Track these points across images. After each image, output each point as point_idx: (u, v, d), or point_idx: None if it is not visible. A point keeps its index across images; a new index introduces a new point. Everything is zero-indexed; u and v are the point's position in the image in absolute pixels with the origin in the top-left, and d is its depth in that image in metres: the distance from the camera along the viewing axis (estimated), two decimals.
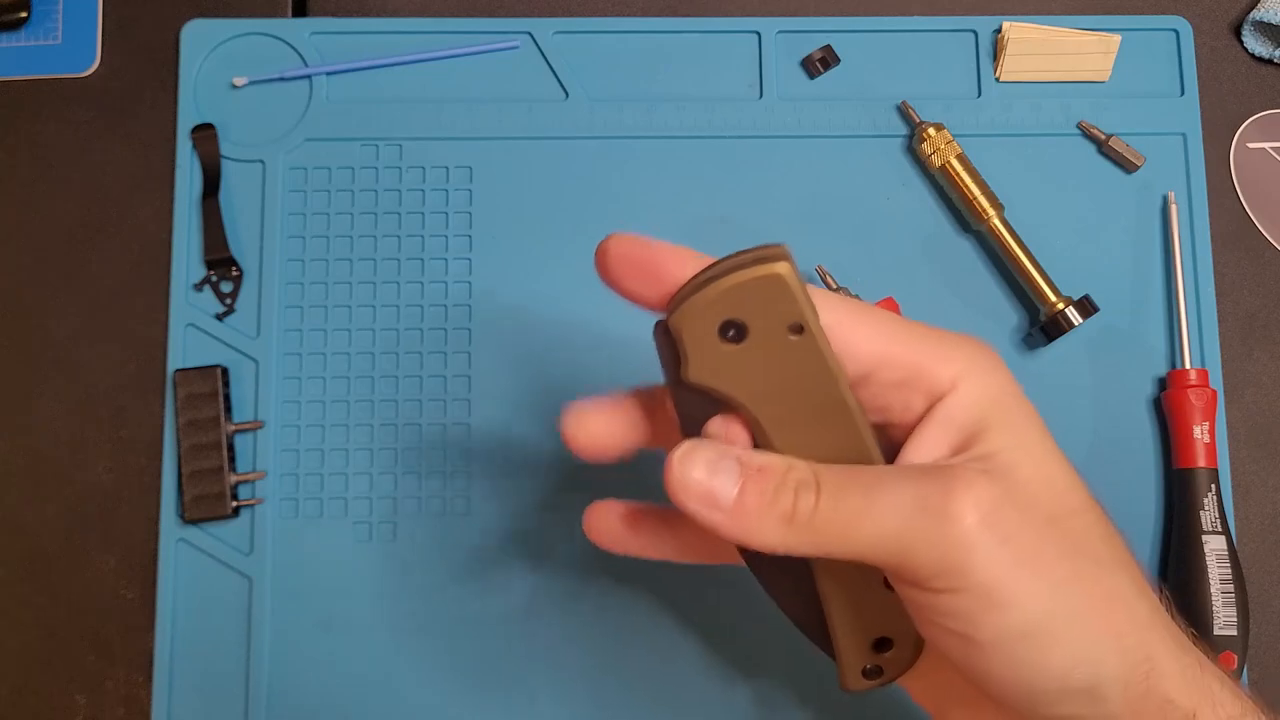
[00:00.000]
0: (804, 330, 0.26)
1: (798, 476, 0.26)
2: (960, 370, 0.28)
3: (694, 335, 0.26)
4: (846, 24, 0.51)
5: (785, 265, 0.26)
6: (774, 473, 0.26)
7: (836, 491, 0.26)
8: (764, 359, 0.26)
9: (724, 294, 0.26)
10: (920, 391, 0.28)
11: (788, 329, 0.26)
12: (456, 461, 0.47)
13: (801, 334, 0.26)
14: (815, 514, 0.26)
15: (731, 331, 0.26)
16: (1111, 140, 0.49)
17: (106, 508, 0.47)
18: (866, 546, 0.26)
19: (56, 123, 0.50)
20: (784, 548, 0.26)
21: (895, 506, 0.25)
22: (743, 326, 0.26)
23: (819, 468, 0.27)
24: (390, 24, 0.51)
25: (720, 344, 0.26)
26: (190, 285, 0.48)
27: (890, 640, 0.30)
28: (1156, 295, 0.49)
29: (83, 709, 0.45)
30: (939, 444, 0.27)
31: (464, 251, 0.49)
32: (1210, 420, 0.46)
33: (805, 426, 0.27)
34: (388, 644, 0.46)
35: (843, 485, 0.26)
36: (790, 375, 0.27)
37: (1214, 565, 0.44)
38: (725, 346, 0.26)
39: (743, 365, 0.27)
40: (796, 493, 0.26)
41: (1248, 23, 0.51)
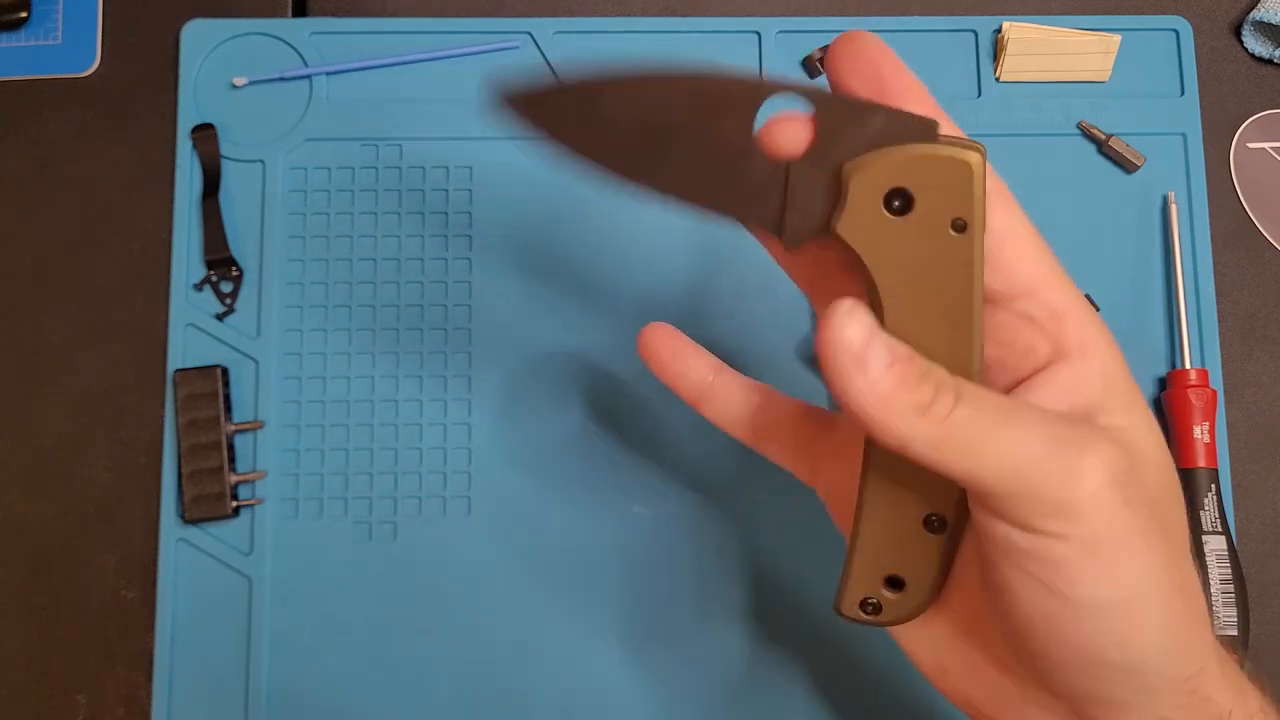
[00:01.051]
0: (967, 230, 0.25)
1: (941, 377, 0.25)
2: (1093, 340, 0.27)
3: (864, 186, 0.25)
4: (846, 24, 0.51)
5: (978, 157, 0.25)
6: (921, 363, 0.25)
7: (976, 403, 0.25)
8: (916, 241, 0.26)
9: (911, 161, 0.25)
10: (1050, 340, 0.27)
11: (952, 222, 0.25)
12: (456, 461, 0.47)
13: (963, 232, 0.25)
14: (951, 416, 0.25)
15: (897, 202, 0.25)
16: (1111, 140, 0.49)
17: (106, 507, 0.47)
18: (990, 468, 0.25)
19: (56, 123, 0.50)
20: (906, 440, 0.25)
21: (1030, 436, 0.25)
22: (910, 201, 0.25)
23: (961, 381, 0.26)
24: (390, 24, 0.51)
25: (880, 209, 0.25)
26: (190, 285, 0.48)
27: (902, 582, 0.29)
28: (1156, 295, 0.49)
29: (83, 709, 0.45)
30: (1060, 399, 0.27)
31: (464, 251, 0.49)
32: (1210, 420, 0.46)
33: (926, 323, 0.26)
34: (388, 644, 0.46)
35: (983, 401, 0.25)
36: (934, 268, 0.26)
37: (1214, 565, 0.44)
38: (883, 214, 0.25)
39: (893, 238, 0.26)
40: (938, 390, 0.25)
41: (1248, 23, 0.51)
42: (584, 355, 0.48)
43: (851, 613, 0.30)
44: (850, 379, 0.25)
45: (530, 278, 0.49)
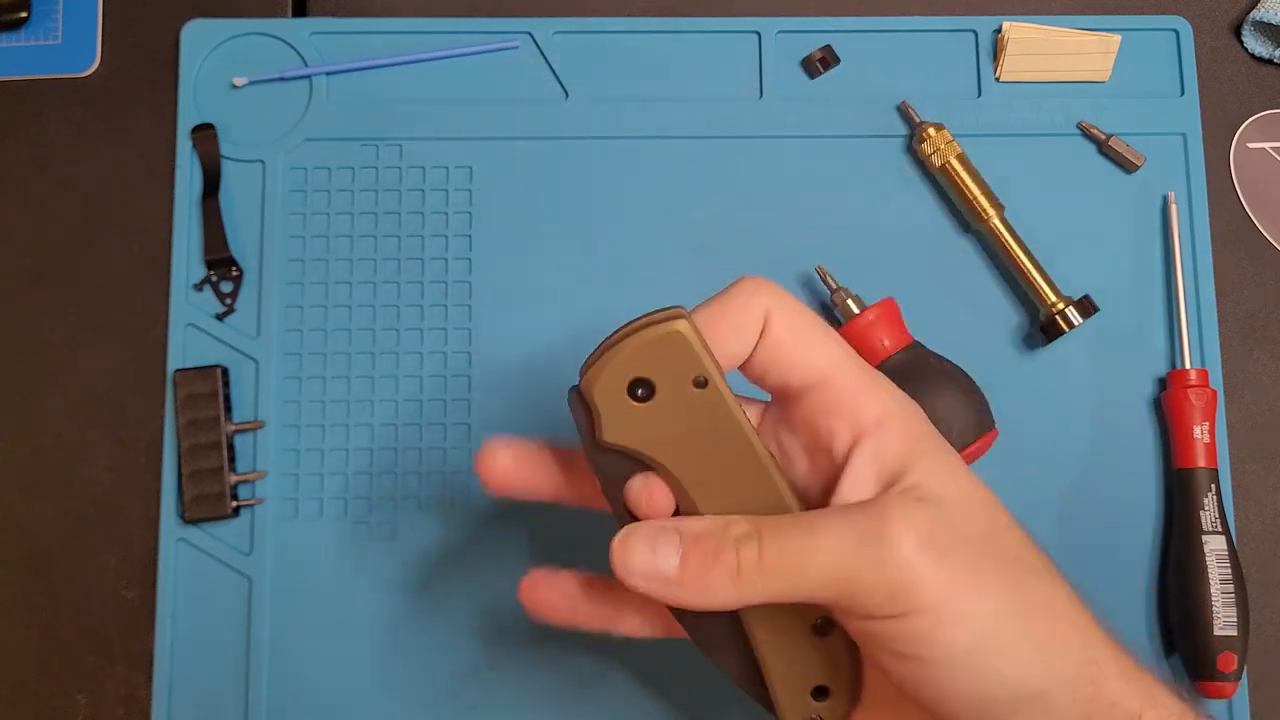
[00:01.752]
0: (708, 383, 0.28)
1: (737, 531, 0.27)
2: (886, 408, 0.29)
3: (604, 396, 0.28)
4: (846, 24, 0.51)
5: (684, 323, 0.28)
6: (713, 534, 0.27)
7: (778, 537, 0.27)
8: (673, 414, 0.28)
9: (630, 354, 0.28)
10: (848, 420, 0.29)
11: (692, 383, 0.28)
12: (456, 462, 0.47)
13: (705, 387, 0.28)
14: (761, 562, 0.27)
15: (640, 390, 0.28)
16: (1111, 140, 0.49)
17: (106, 507, 0.47)
18: (815, 584, 0.26)
19: (56, 123, 0.50)
20: (737, 601, 0.27)
21: (837, 542, 0.26)
22: (650, 384, 0.28)
23: (755, 518, 0.28)
24: (390, 24, 0.51)
25: (630, 403, 0.28)
26: (190, 285, 0.48)
27: (826, 689, 0.31)
28: (1156, 295, 0.49)
29: (83, 709, 0.45)
30: (869, 479, 0.28)
31: (464, 251, 0.49)
32: (1210, 420, 0.46)
33: (721, 480, 0.29)
34: (388, 644, 0.46)
35: (784, 530, 0.27)
36: (700, 429, 0.28)
37: (1214, 565, 0.44)
38: (635, 405, 0.28)
39: (654, 423, 0.28)
40: (739, 547, 0.27)
41: (1248, 23, 0.51)
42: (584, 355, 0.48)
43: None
44: (661, 592, 0.27)
45: (530, 278, 0.49)
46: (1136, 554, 0.47)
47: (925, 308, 0.48)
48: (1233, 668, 0.44)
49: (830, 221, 0.49)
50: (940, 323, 0.48)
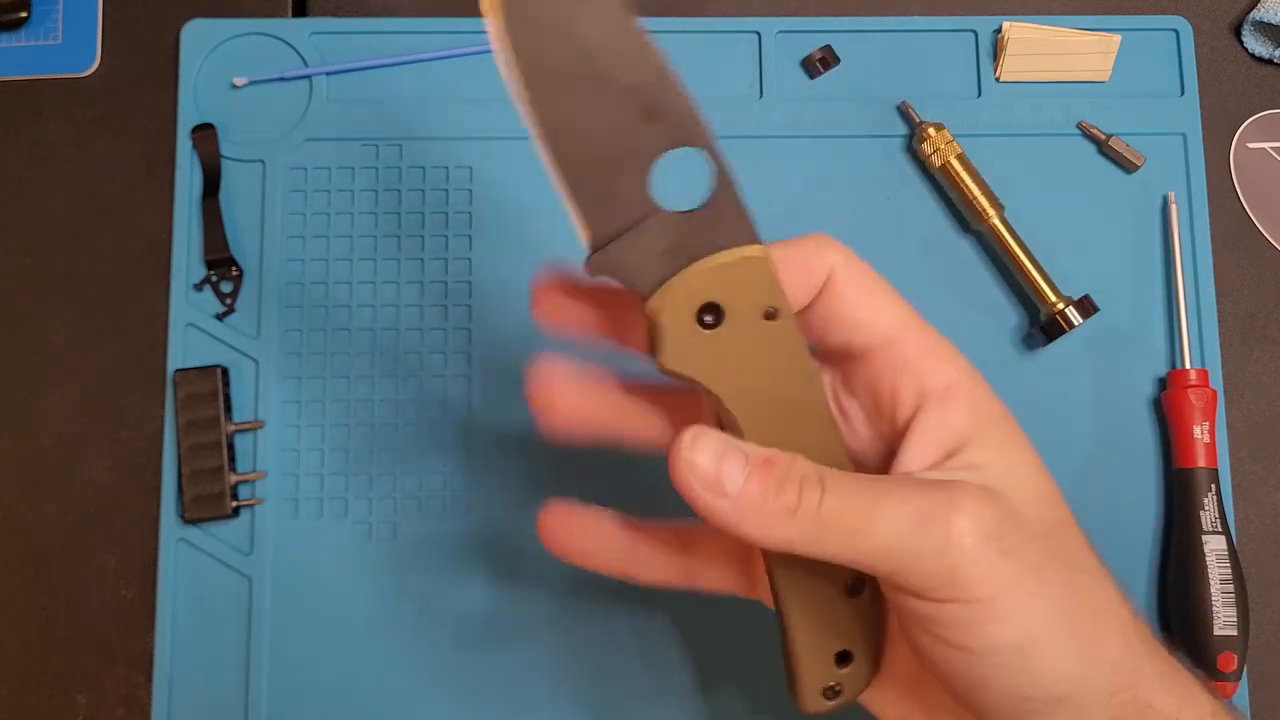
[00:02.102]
0: (778, 315, 0.26)
1: (803, 471, 0.26)
2: (955, 379, 0.28)
3: (672, 320, 0.26)
4: (846, 24, 0.51)
5: (761, 247, 0.26)
6: (780, 464, 0.26)
7: (842, 492, 0.26)
8: (739, 345, 0.26)
9: (705, 276, 0.26)
10: (914, 385, 0.28)
11: (763, 314, 0.26)
12: (456, 461, 0.47)
13: (776, 319, 0.26)
14: (820, 510, 0.26)
15: (709, 317, 0.26)
16: (1111, 140, 0.49)
17: (106, 507, 0.47)
18: (870, 552, 0.26)
19: (56, 123, 0.50)
20: (785, 543, 0.26)
21: (900, 515, 0.25)
22: (719, 311, 0.26)
23: (821, 467, 0.27)
24: (390, 24, 0.51)
25: (697, 329, 0.26)
26: (190, 285, 0.48)
27: (850, 655, 0.29)
28: (1156, 295, 0.49)
29: (83, 709, 0.45)
30: (932, 448, 0.28)
31: (464, 251, 0.49)
32: (1210, 420, 0.46)
33: (781, 421, 0.27)
34: (388, 644, 0.46)
35: (848, 487, 0.26)
36: (765, 363, 0.27)
37: (1214, 565, 0.44)
38: (701, 332, 0.26)
39: (718, 351, 0.26)
40: (803, 487, 0.26)
41: (1248, 23, 0.51)
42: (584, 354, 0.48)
43: (816, 706, 0.30)
44: (712, 505, 0.26)
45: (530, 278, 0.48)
46: (1136, 554, 0.47)
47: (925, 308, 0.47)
48: (1232, 668, 0.44)
49: (830, 221, 0.49)
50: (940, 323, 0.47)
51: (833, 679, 0.29)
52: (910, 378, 0.28)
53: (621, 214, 0.26)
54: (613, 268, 0.27)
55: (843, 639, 0.29)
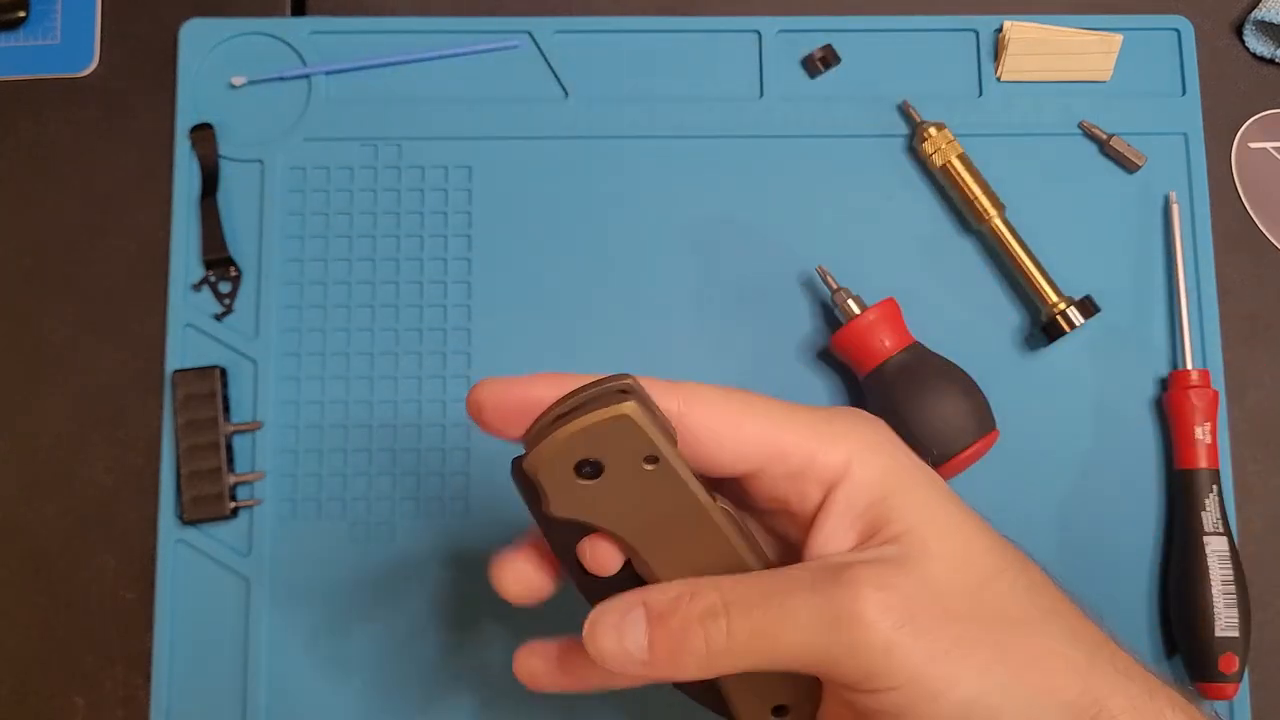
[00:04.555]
0: (659, 460, 0.27)
1: (702, 605, 0.26)
2: (851, 450, 0.28)
3: (551, 476, 0.27)
4: (847, 23, 0.50)
5: (632, 404, 0.26)
6: (679, 613, 0.27)
7: (746, 611, 0.26)
8: (623, 490, 0.27)
9: (575, 436, 0.27)
10: (814, 480, 0.28)
11: (643, 460, 0.27)
12: (455, 462, 0.47)
13: (657, 464, 0.27)
14: (730, 640, 0.26)
15: (587, 468, 0.27)
16: (1113, 140, 0.49)
17: (105, 508, 0.47)
18: (789, 658, 0.26)
19: (55, 123, 0.50)
20: (710, 674, 0.27)
21: (808, 619, 0.26)
22: (598, 463, 0.27)
23: (723, 584, 0.27)
24: (390, 24, 0.50)
25: (578, 480, 0.27)
26: (189, 285, 0.48)
27: (786, 708, 0.30)
28: (1158, 295, 0.49)
29: (81, 710, 0.45)
30: (844, 533, 0.28)
31: (463, 251, 0.49)
32: (1212, 421, 0.46)
33: (678, 547, 0.28)
34: (386, 645, 0.46)
35: (750, 603, 0.26)
36: (652, 501, 0.27)
37: (1215, 566, 0.44)
38: (583, 482, 0.27)
39: (603, 498, 0.27)
40: (705, 625, 0.26)
41: (1249, 22, 0.51)
42: (584, 355, 0.48)
43: None
44: (634, 673, 0.27)
45: (529, 278, 0.48)
46: (1137, 555, 0.47)
47: (926, 308, 0.48)
48: (1234, 669, 0.44)
49: (830, 221, 0.49)
50: (941, 323, 0.48)
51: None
52: (808, 476, 0.28)
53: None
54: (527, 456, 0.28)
55: (778, 696, 0.30)
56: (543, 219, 0.49)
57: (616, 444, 0.27)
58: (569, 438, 0.27)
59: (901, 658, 0.25)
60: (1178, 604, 0.45)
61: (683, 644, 0.26)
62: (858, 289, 0.46)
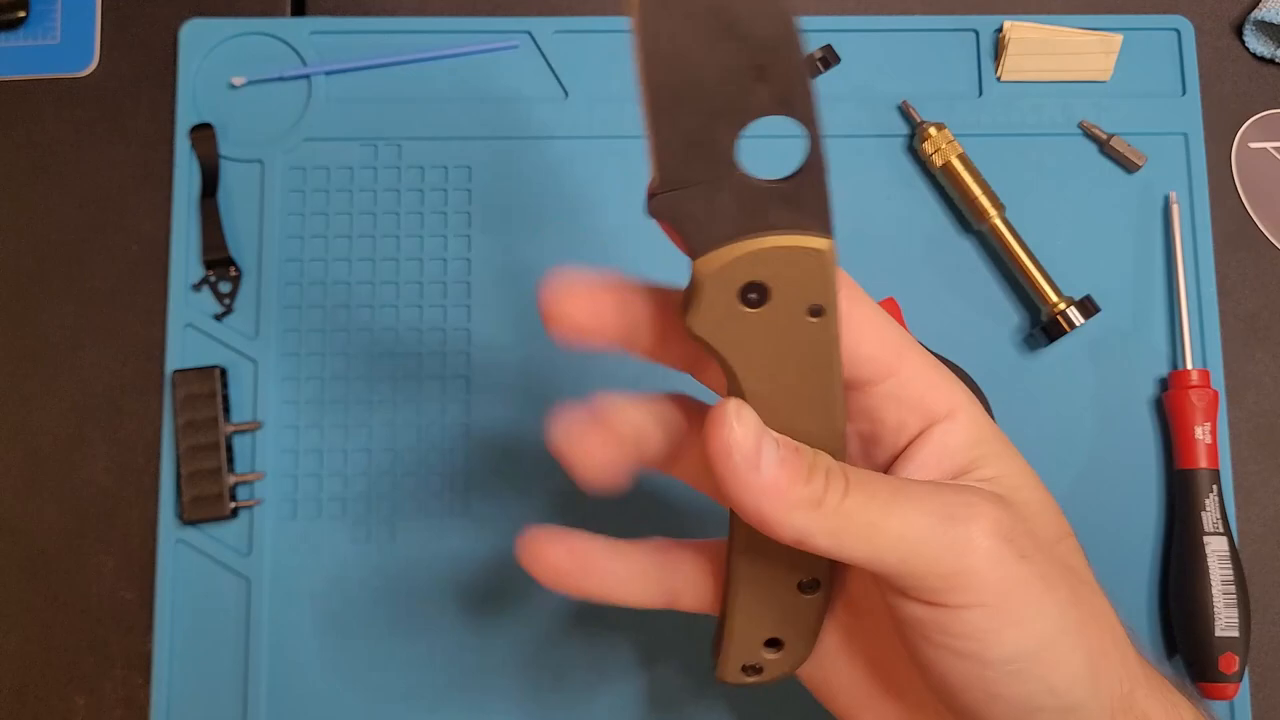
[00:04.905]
0: (823, 314, 0.25)
1: (828, 464, 0.26)
2: (955, 401, 0.28)
3: (714, 286, 0.25)
4: (846, 23, 0.50)
5: (829, 243, 0.25)
6: (807, 455, 0.26)
7: (865, 488, 0.26)
8: (774, 332, 0.25)
9: (761, 252, 0.24)
10: (918, 412, 0.28)
11: (809, 309, 0.25)
12: (455, 462, 0.47)
13: (820, 317, 0.25)
14: (842, 505, 0.25)
15: (753, 295, 0.25)
16: (1113, 140, 0.49)
17: (105, 508, 0.47)
18: (886, 549, 0.25)
19: (55, 122, 0.50)
20: (801, 533, 0.25)
21: (919, 513, 0.25)
22: (765, 292, 0.25)
23: (846, 465, 0.26)
24: (390, 24, 0.50)
25: (736, 304, 0.25)
26: (189, 285, 0.48)
27: (780, 643, 0.30)
28: (1158, 295, 0.49)
29: (81, 710, 0.45)
30: (935, 466, 0.28)
31: (463, 252, 0.49)
32: (1212, 421, 0.46)
33: (792, 417, 0.26)
34: (386, 645, 0.46)
35: (870, 483, 0.26)
36: (792, 355, 0.26)
37: (1215, 566, 0.44)
38: (740, 308, 0.25)
39: (750, 332, 0.25)
40: (828, 480, 0.25)
41: (1249, 22, 0.51)
42: (583, 355, 0.48)
43: (734, 679, 0.30)
44: (743, 481, 0.25)
45: (530, 278, 0.48)
46: (1137, 555, 0.47)
47: (925, 308, 0.48)
48: (1234, 669, 0.44)
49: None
50: (941, 323, 0.48)
51: (756, 660, 0.30)
52: (914, 406, 0.28)
53: (700, 164, 0.25)
54: (673, 214, 0.25)
55: (778, 628, 0.29)
56: (542, 219, 0.49)
57: (795, 277, 0.25)
58: (754, 252, 0.24)
59: (1002, 573, 0.25)
60: (1178, 604, 0.45)
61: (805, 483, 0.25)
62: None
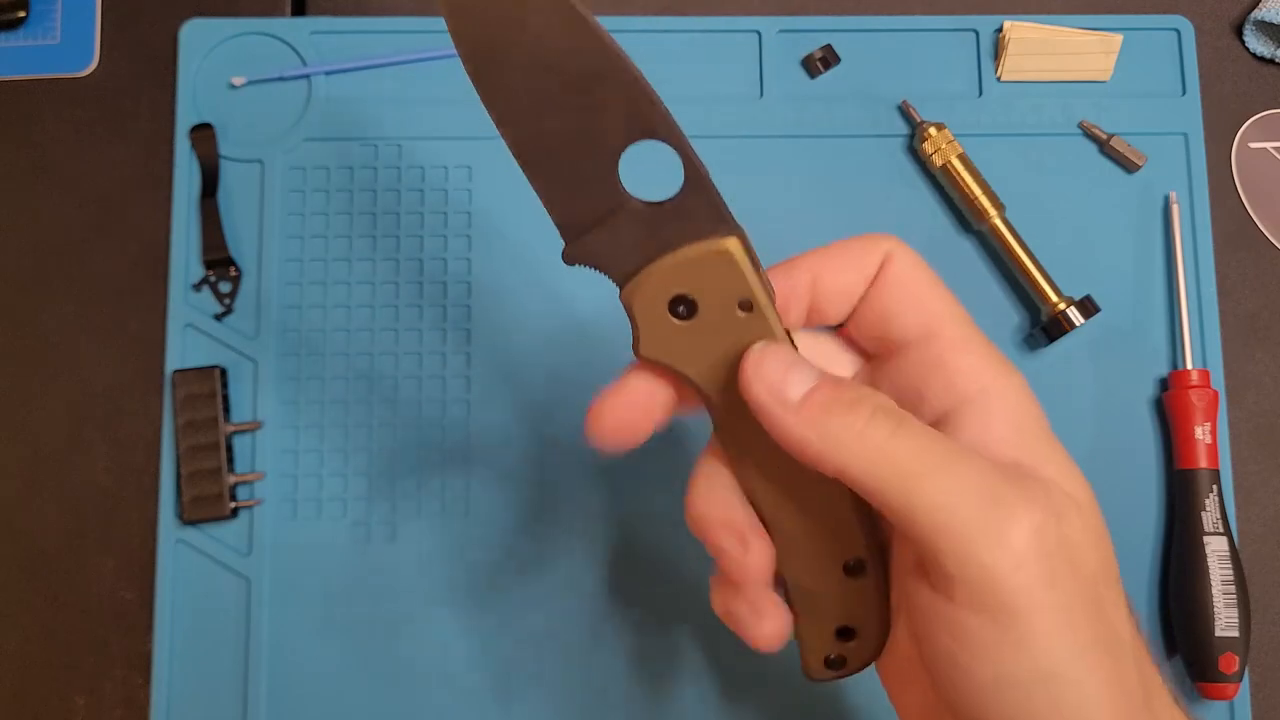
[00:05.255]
0: (753, 307, 0.26)
1: (879, 401, 0.25)
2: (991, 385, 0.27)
3: (644, 310, 0.26)
4: (847, 23, 0.50)
5: (734, 241, 0.26)
6: (853, 387, 0.25)
7: (916, 435, 0.24)
8: (713, 335, 0.26)
9: (673, 270, 0.26)
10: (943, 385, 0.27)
11: (737, 305, 0.26)
12: (455, 462, 0.47)
13: (751, 311, 0.26)
14: (888, 442, 0.24)
15: (681, 307, 0.26)
16: (1113, 140, 0.49)
17: (105, 509, 0.47)
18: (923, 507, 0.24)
19: (55, 123, 0.50)
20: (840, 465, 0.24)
21: (967, 484, 0.24)
22: (692, 303, 0.26)
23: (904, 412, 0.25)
24: (390, 24, 0.50)
25: (670, 320, 0.26)
26: (189, 285, 0.48)
27: (852, 631, 0.29)
28: (1158, 295, 0.49)
29: (81, 710, 0.45)
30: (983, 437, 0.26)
31: (463, 252, 0.49)
32: (1212, 421, 0.46)
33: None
34: (386, 645, 0.46)
35: (923, 433, 0.25)
36: (738, 352, 0.26)
37: (1215, 566, 0.44)
38: (676, 323, 0.26)
39: (692, 341, 0.27)
40: (874, 413, 0.25)
41: (1249, 22, 0.51)
42: (584, 355, 0.48)
43: (820, 674, 0.30)
44: (775, 412, 0.25)
45: (530, 278, 0.48)
46: (1138, 555, 0.47)
47: None
48: (1234, 669, 0.44)
49: (830, 221, 0.49)
50: None
51: (834, 651, 0.30)
52: (941, 377, 0.27)
53: (593, 205, 0.27)
54: (587, 258, 0.27)
55: (842, 616, 0.29)
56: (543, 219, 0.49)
57: (714, 281, 0.26)
58: (667, 270, 0.26)
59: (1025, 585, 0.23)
60: (1178, 604, 0.45)
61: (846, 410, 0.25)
62: None
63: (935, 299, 0.28)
